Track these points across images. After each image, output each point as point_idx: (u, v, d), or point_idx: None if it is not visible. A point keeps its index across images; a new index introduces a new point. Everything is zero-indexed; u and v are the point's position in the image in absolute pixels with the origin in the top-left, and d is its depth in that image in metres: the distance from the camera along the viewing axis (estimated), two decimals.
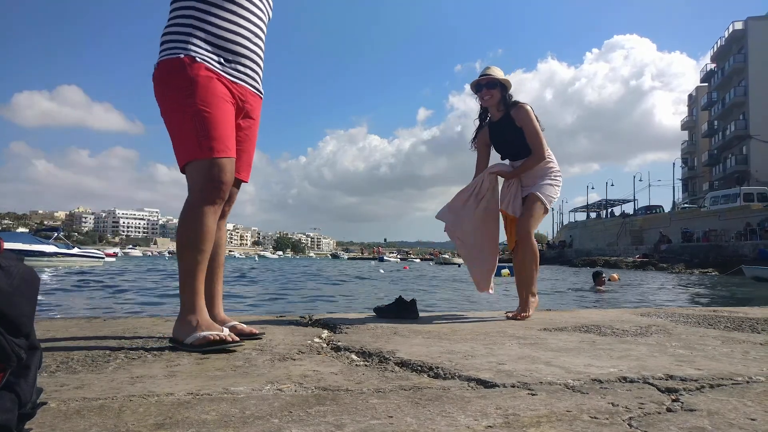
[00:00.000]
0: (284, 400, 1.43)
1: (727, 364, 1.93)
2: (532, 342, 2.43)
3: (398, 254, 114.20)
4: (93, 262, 29.17)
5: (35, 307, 1.09)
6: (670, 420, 1.28)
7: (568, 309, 3.11)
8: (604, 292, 13.84)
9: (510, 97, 3.59)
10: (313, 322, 3.03)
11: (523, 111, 3.51)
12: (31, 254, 24.49)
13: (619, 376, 1.71)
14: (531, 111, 3.52)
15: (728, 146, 51.16)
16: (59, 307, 9.00)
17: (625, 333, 2.73)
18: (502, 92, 3.57)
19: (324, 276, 24.36)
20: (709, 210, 37.86)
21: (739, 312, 3.88)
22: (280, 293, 13.28)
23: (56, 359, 1.95)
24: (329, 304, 10.91)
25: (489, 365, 1.88)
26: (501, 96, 3.57)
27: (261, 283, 17.56)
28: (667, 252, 35.20)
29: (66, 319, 3.31)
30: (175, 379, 1.67)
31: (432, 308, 8.88)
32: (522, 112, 3.51)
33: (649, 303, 11.40)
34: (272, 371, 1.79)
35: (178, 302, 2.30)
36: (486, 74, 3.58)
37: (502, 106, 3.59)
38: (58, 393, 1.50)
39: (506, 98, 3.58)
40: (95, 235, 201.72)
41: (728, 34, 51.31)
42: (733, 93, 49.85)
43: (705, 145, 58.77)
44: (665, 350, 2.23)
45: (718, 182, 52.35)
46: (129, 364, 1.89)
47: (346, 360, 2.00)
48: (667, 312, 3.86)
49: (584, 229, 59.96)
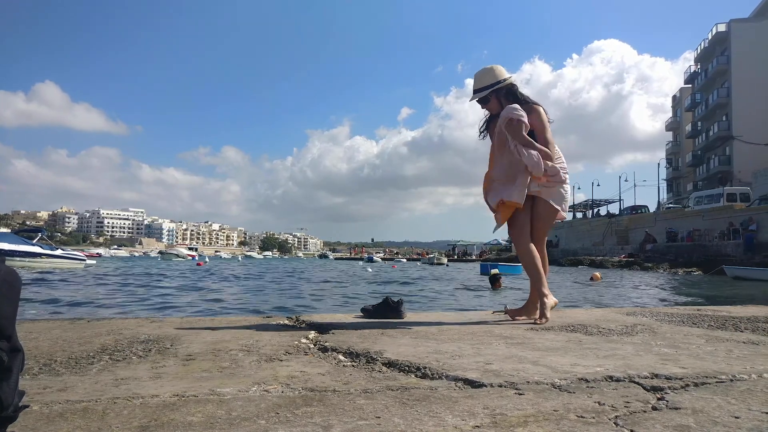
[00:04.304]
0: (271, 402, 1.43)
1: (711, 363, 1.95)
2: (519, 342, 2.43)
3: (383, 254, 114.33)
4: (72, 264, 27.99)
5: (17, 308, 1.07)
6: (656, 418, 1.29)
7: (555, 309, 3.13)
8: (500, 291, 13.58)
9: (514, 90, 3.30)
10: (300, 323, 3.02)
11: (535, 114, 3.23)
12: (15, 255, 24.07)
13: (605, 375, 1.72)
14: (543, 113, 3.27)
15: (712, 147, 51.75)
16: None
17: (611, 332, 2.75)
18: (497, 96, 3.30)
19: (309, 277, 24.29)
20: (693, 210, 38.25)
21: (722, 311, 3.92)
22: (266, 294, 13.22)
23: (39, 361, 1.92)
24: (316, 304, 10.88)
25: (476, 365, 1.88)
26: (500, 98, 3.30)
27: (245, 285, 17.47)
28: (653, 252, 35.53)
29: (49, 321, 3.26)
30: (161, 380, 1.66)
31: (419, 308, 8.89)
32: (534, 116, 3.23)
33: (634, 302, 11.50)
34: (259, 372, 1.78)
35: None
36: (474, 90, 3.35)
37: (509, 101, 3.27)
38: (41, 395, 1.48)
39: (510, 94, 3.29)
40: (79, 235, 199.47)
41: (711, 36, 51.91)
42: (716, 94, 50.41)
43: (689, 145, 59.39)
44: (650, 349, 2.24)
45: (702, 182, 52.95)
46: (113, 366, 1.87)
47: (334, 361, 2.00)
48: (652, 311, 3.89)
49: (570, 229, 60.31)
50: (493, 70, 3.33)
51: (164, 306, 9.73)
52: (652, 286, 17.45)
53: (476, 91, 3.34)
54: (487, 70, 3.35)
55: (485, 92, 3.30)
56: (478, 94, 3.32)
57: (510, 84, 3.30)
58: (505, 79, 3.30)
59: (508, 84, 3.30)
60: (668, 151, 68.13)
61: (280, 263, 61.43)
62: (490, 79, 3.30)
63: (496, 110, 3.34)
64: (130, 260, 64.52)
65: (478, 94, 3.32)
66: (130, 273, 23.90)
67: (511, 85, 3.31)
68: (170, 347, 2.25)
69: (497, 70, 3.33)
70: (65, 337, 2.48)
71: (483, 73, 3.34)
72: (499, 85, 3.29)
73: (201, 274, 24.40)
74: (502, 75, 3.30)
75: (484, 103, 3.37)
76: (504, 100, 3.31)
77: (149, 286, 15.18)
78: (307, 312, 8.28)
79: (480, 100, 3.36)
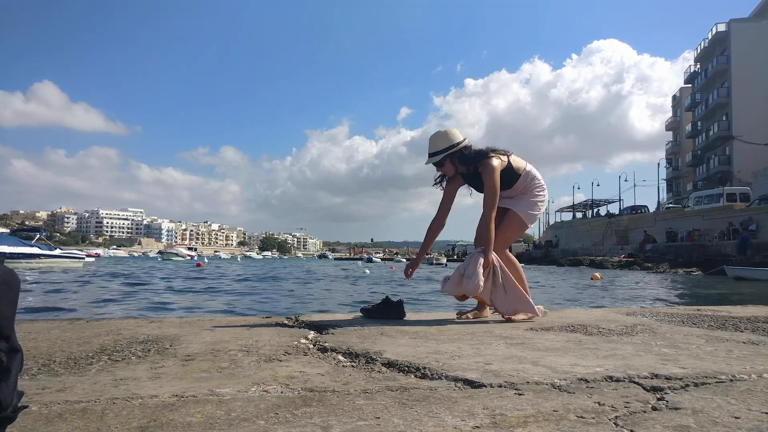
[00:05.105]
0: (270, 402, 1.42)
1: (711, 363, 1.95)
2: (518, 342, 2.43)
3: (383, 254, 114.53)
4: (71, 264, 28.15)
5: (15, 309, 1.07)
6: (656, 419, 1.29)
7: (555, 309, 3.13)
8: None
9: (469, 150, 3.40)
10: (300, 323, 3.02)
11: (488, 168, 3.31)
12: (14, 257, 24.04)
13: (605, 376, 1.72)
14: (496, 168, 3.31)
15: (711, 147, 51.75)
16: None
17: (611, 332, 2.74)
18: (452, 159, 3.41)
19: (309, 277, 24.29)
20: (693, 210, 38.27)
21: (722, 311, 3.92)
22: (266, 294, 13.22)
23: (38, 362, 1.92)
24: (316, 304, 10.88)
25: (476, 365, 1.88)
26: (454, 161, 3.41)
27: (245, 285, 17.46)
28: (652, 251, 35.53)
29: (48, 321, 3.26)
30: (160, 381, 1.66)
31: (419, 309, 8.89)
32: (487, 170, 3.31)
33: (634, 302, 11.50)
34: (258, 372, 1.78)
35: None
36: (429, 153, 3.45)
37: (464, 165, 3.42)
38: (40, 396, 1.48)
39: (463, 156, 3.39)
40: (78, 235, 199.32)
41: (711, 36, 51.93)
42: (716, 94, 50.43)
43: (689, 145, 59.41)
44: (650, 349, 2.24)
45: (702, 182, 52.96)
46: (112, 366, 1.87)
47: (333, 361, 2.00)
48: (652, 311, 3.89)
49: (570, 228, 60.34)
50: (447, 134, 3.45)
51: (165, 306, 9.73)
52: (652, 287, 17.46)
53: (431, 154, 3.46)
54: (441, 134, 3.46)
55: (439, 156, 3.43)
56: (433, 158, 3.45)
57: (463, 147, 3.43)
58: (459, 143, 3.43)
59: (461, 148, 3.41)
60: (668, 151, 68.16)
61: (279, 263, 61.42)
62: (444, 143, 3.43)
63: (451, 172, 3.51)
64: (129, 260, 64.51)
65: (433, 158, 3.45)
66: (131, 273, 23.88)
67: (464, 147, 3.43)
68: (169, 347, 2.25)
69: (451, 133, 3.45)
70: (64, 337, 2.48)
71: (438, 137, 3.46)
72: (452, 150, 3.40)
73: (201, 274, 24.39)
74: (456, 138, 3.43)
75: (439, 165, 3.50)
76: (458, 163, 3.44)
77: (149, 287, 15.17)
78: (306, 312, 8.28)
79: (435, 163, 3.49)
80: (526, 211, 3.48)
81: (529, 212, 3.49)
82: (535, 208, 3.52)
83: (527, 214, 3.48)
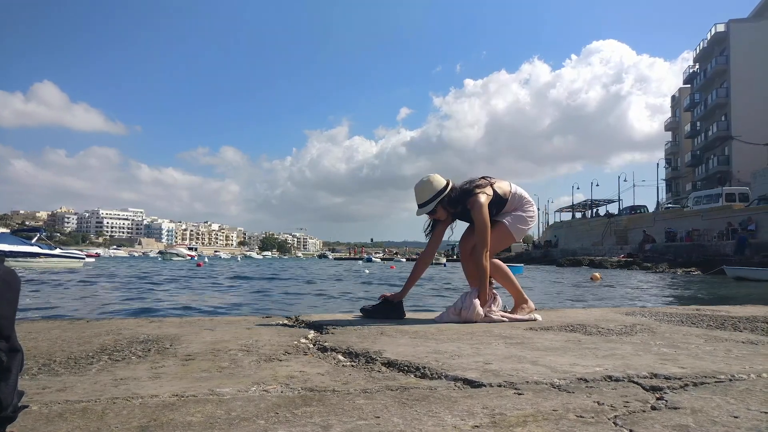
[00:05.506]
0: (270, 402, 1.43)
1: (710, 363, 1.95)
2: (518, 341, 2.44)
3: (382, 254, 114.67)
4: (71, 264, 28.22)
5: (16, 308, 1.07)
6: (655, 418, 1.29)
7: (554, 308, 3.14)
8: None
9: (455, 191, 3.41)
10: (300, 323, 3.02)
11: (476, 206, 3.31)
12: (12, 255, 24.05)
13: (604, 375, 1.72)
14: (484, 204, 3.31)
15: (710, 147, 51.76)
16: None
17: (611, 332, 2.75)
18: (443, 204, 3.41)
19: (309, 277, 24.29)
20: (692, 210, 38.28)
21: (721, 311, 3.92)
22: (266, 294, 13.22)
23: (38, 361, 1.92)
24: (316, 304, 10.88)
25: (475, 365, 1.88)
26: (445, 205, 3.42)
27: (244, 285, 17.46)
28: (652, 251, 35.55)
29: (48, 321, 3.26)
30: (160, 380, 1.66)
31: (418, 308, 8.89)
32: (475, 207, 3.32)
33: (633, 302, 11.50)
34: (258, 372, 1.78)
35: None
36: (419, 204, 3.45)
37: (453, 207, 3.45)
38: (40, 396, 1.48)
39: (451, 199, 3.41)
40: (78, 235, 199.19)
41: (710, 36, 51.92)
42: (715, 94, 50.43)
43: (688, 145, 59.40)
44: (650, 349, 2.24)
45: (701, 182, 52.96)
46: (113, 366, 1.87)
47: (333, 360, 2.00)
48: (651, 311, 3.89)
49: (569, 228, 60.35)
50: (432, 183, 3.45)
51: (165, 306, 9.73)
52: (652, 286, 17.46)
53: (421, 205, 3.46)
54: (426, 183, 3.46)
55: (432, 205, 3.42)
56: (425, 208, 3.44)
57: (450, 190, 3.42)
58: (446, 187, 3.43)
59: (449, 192, 3.42)
60: (667, 151, 68.16)
61: (279, 263, 61.39)
62: (431, 192, 3.43)
63: (443, 217, 3.52)
64: (129, 260, 64.46)
65: (425, 208, 3.44)
66: (131, 273, 23.87)
67: (451, 190, 3.42)
68: (169, 347, 2.25)
69: (435, 180, 3.46)
70: (64, 337, 2.48)
71: (423, 187, 3.46)
72: (442, 195, 3.41)
73: (201, 274, 24.38)
74: (441, 184, 3.44)
75: (431, 213, 3.49)
76: (448, 206, 3.44)
77: (149, 287, 15.16)
78: (306, 312, 8.28)
79: (428, 212, 3.48)
80: (515, 224, 3.50)
81: (518, 226, 3.51)
82: (524, 222, 3.54)
83: (517, 228, 3.50)
